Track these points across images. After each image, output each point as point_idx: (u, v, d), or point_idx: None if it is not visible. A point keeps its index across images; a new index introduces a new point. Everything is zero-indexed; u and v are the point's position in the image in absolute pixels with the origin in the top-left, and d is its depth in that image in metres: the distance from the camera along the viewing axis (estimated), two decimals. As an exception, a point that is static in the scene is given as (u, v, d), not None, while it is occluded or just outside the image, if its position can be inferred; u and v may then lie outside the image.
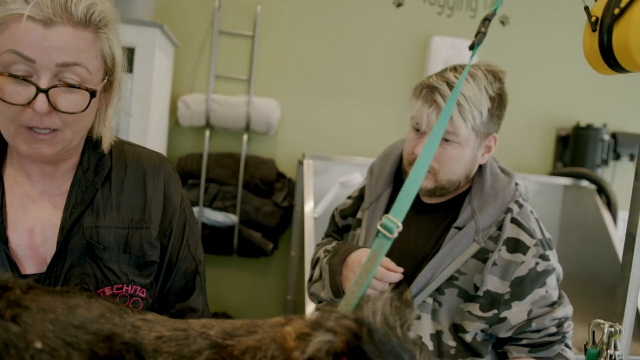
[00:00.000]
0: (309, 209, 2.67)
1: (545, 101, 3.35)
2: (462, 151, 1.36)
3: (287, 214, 3.05)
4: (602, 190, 3.05)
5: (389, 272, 1.33)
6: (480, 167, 1.44)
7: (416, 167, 0.84)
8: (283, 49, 3.12)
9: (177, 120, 3.02)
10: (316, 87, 3.16)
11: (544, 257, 1.34)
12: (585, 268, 2.88)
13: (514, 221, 1.36)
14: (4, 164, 1.04)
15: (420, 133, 1.38)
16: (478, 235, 1.34)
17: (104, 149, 1.07)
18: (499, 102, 1.38)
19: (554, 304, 1.35)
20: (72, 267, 1.00)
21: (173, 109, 3.01)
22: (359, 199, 1.60)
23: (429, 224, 1.44)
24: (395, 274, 1.33)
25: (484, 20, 1.00)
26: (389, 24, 3.19)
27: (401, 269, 1.34)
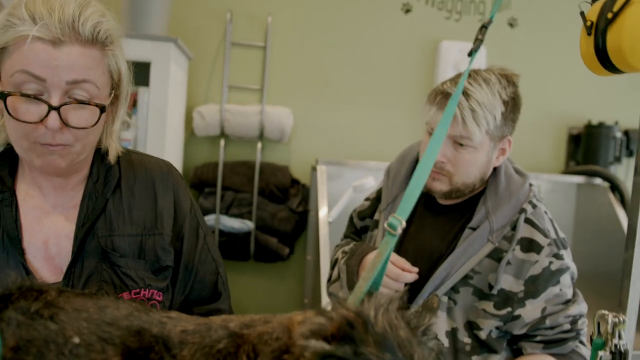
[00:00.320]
0: (324, 213, 2.72)
1: (557, 100, 3.37)
2: (477, 155, 1.38)
3: (302, 219, 3.11)
4: (615, 187, 3.05)
5: (404, 273, 1.36)
6: (495, 168, 1.46)
7: (420, 168, 0.89)
8: (294, 58, 3.18)
9: (192, 130, 3.09)
10: (327, 94, 3.22)
11: (557, 256, 1.36)
12: (599, 265, 2.89)
13: (527, 221, 1.38)
14: (16, 179, 1.08)
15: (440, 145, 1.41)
16: (492, 235, 1.36)
17: (110, 159, 1.10)
18: (512, 105, 1.40)
19: (568, 302, 1.36)
20: (90, 276, 1.03)
21: (188, 120, 3.09)
22: (376, 200, 1.64)
23: (445, 224, 1.47)
24: (410, 274, 1.37)
25: (481, 27, 1.05)
26: (398, 29, 3.24)
27: (416, 269, 1.38)
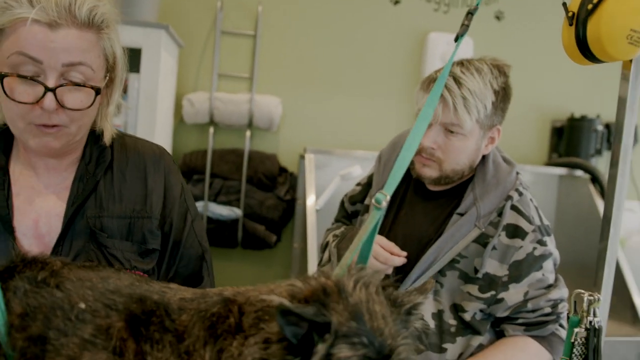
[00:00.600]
0: (311, 201, 2.76)
1: (540, 93, 3.43)
2: (466, 142, 1.42)
3: (289, 207, 3.14)
4: (596, 179, 3.13)
5: (392, 256, 1.40)
6: (484, 156, 1.49)
7: (406, 146, 0.93)
8: (284, 47, 3.21)
9: (182, 118, 3.11)
10: (317, 84, 3.25)
11: (541, 243, 1.41)
12: (579, 254, 2.96)
13: (513, 208, 1.42)
14: (10, 159, 1.10)
15: (428, 125, 1.45)
16: (479, 221, 1.40)
17: (105, 141, 1.12)
18: (503, 95, 1.44)
19: (549, 287, 1.41)
20: (78, 255, 1.05)
21: (178, 107, 3.10)
22: (367, 185, 1.67)
23: (434, 210, 1.51)
24: (399, 257, 1.41)
25: (467, 14, 1.09)
26: (386, 21, 3.28)
27: (404, 253, 1.42)
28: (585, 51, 1.07)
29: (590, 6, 1.03)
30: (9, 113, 1.00)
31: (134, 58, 2.50)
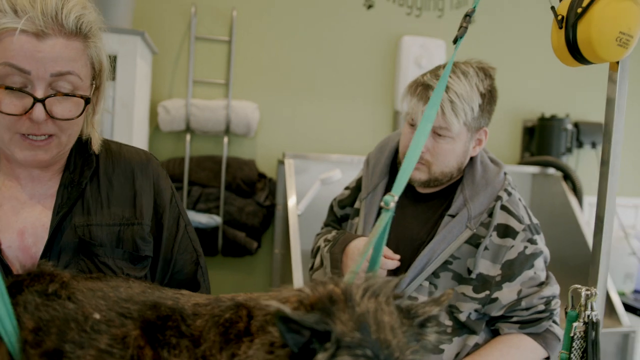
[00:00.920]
0: (293, 206, 2.75)
1: (512, 94, 3.51)
2: (455, 145, 1.44)
3: (269, 213, 3.13)
4: (567, 176, 3.21)
5: (386, 260, 1.41)
6: (472, 158, 1.52)
7: (410, 151, 0.95)
8: (259, 52, 3.20)
9: (157, 125, 3.06)
10: (293, 89, 3.25)
11: (532, 241, 1.44)
12: (554, 250, 3.02)
13: (503, 208, 1.45)
14: None
15: (415, 128, 1.46)
16: (470, 222, 1.42)
17: (95, 149, 1.11)
18: (489, 98, 1.46)
19: (542, 284, 1.44)
20: (67, 266, 1.02)
21: (153, 114, 3.05)
22: (356, 189, 1.68)
23: (424, 212, 1.52)
24: (392, 261, 1.42)
25: (465, 16, 1.11)
26: (360, 25, 3.30)
27: (398, 256, 1.43)
28: (576, 53, 1.10)
29: (579, 10, 1.06)
30: None
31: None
